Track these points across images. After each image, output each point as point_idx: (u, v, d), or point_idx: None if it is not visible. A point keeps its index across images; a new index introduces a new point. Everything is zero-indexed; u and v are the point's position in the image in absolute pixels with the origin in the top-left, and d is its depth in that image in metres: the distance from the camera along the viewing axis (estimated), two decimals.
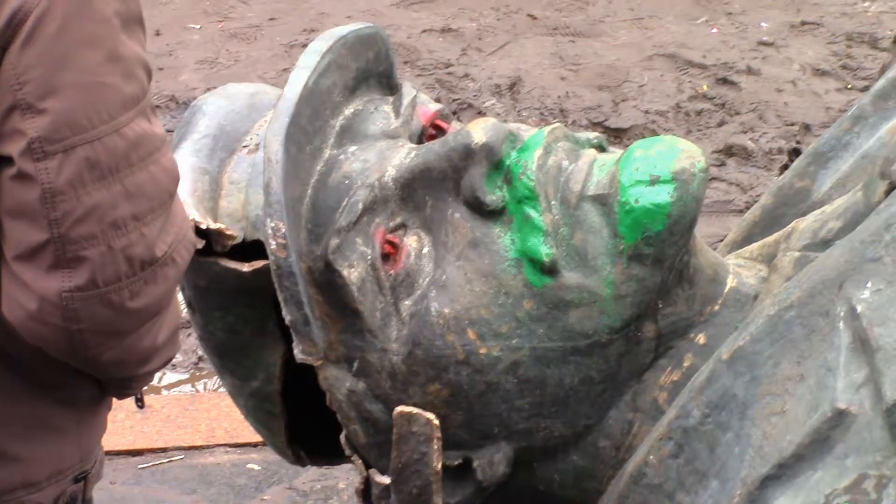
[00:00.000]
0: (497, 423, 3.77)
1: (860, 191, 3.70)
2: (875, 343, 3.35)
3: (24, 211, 2.83)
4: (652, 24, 7.07)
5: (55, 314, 2.85)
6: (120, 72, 2.82)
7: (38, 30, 2.76)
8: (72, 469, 3.22)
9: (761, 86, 6.73)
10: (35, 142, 2.76)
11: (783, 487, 3.57)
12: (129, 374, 3.10)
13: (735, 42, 7.12)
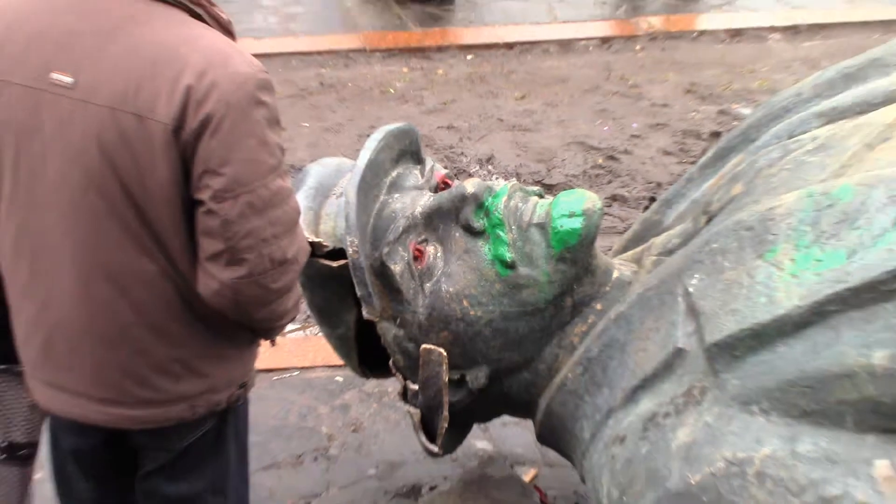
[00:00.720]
0: (480, 355, 4.03)
1: (691, 221, 4.04)
2: (700, 309, 3.57)
3: (210, 232, 2.90)
4: (569, 125, 6.79)
5: (228, 292, 2.91)
6: (266, 152, 2.89)
7: (219, 127, 2.75)
8: (237, 380, 3.22)
9: (633, 161, 6.53)
10: (217, 192, 2.77)
11: (645, 393, 3.73)
12: (270, 326, 3.12)
13: (618, 135, 6.88)
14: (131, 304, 3.01)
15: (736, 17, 8.75)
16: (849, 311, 3.22)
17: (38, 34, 2.90)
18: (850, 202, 3.35)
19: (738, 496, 3.28)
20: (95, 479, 3.34)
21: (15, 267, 3.07)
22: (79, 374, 3.08)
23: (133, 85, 2.84)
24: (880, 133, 3.57)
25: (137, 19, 2.88)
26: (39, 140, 2.90)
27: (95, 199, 2.90)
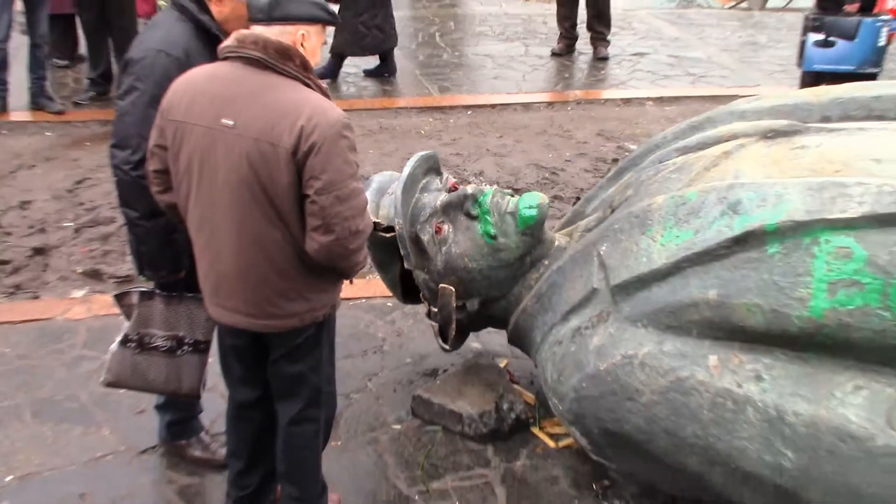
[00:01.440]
0: (474, 291, 4.03)
1: (602, 212, 4.04)
2: (607, 264, 3.54)
3: (313, 214, 2.95)
4: (529, 154, 6.63)
5: (324, 251, 2.97)
6: (347, 166, 2.93)
7: (319, 151, 2.86)
8: (329, 303, 3.20)
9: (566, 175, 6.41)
10: (318, 190, 2.83)
11: (574, 314, 3.68)
12: (348, 272, 3.09)
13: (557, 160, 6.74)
14: (266, 258, 3.04)
15: (626, 92, 8.79)
16: (694, 266, 3.25)
17: (214, 96, 2.96)
18: (695, 202, 3.35)
19: (628, 377, 3.33)
20: (244, 364, 3.33)
21: (198, 236, 3.10)
22: (235, 300, 3.10)
23: (269, 125, 2.88)
24: (712, 161, 3.57)
25: (271, 86, 2.94)
26: (213, 159, 2.95)
27: (246, 194, 2.94)
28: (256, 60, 2.97)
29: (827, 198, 3.11)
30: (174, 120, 3.03)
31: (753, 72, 9.71)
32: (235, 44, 3.01)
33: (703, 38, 10.95)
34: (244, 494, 3.49)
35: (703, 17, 12.17)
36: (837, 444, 3.05)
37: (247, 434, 3.45)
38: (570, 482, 3.80)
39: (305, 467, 3.44)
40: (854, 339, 3.05)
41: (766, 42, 10.94)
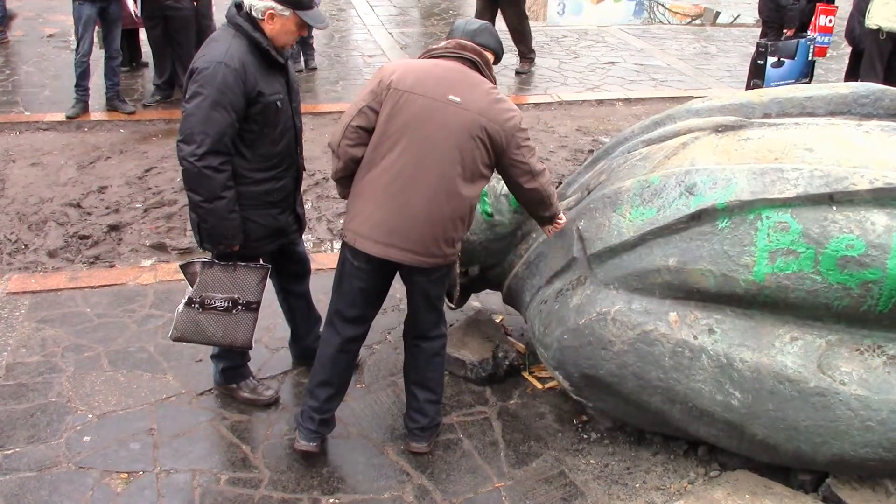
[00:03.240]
0: (476, 260, 4.03)
1: (580, 193, 3.94)
2: (584, 237, 3.53)
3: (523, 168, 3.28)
4: None
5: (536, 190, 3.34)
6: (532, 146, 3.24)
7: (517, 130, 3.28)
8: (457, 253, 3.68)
9: (551, 164, 6.45)
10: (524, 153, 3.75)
11: (557, 278, 3.67)
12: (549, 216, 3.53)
13: (543, 151, 6.75)
14: (452, 208, 3.18)
15: (600, 94, 8.71)
16: (657, 238, 3.25)
17: (440, 78, 3.20)
18: (657, 184, 3.34)
19: (602, 330, 3.31)
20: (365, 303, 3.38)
21: (389, 186, 3.17)
22: (411, 241, 3.18)
23: (488, 107, 3.17)
24: (672, 151, 3.53)
25: (482, 82, 3.24)
26: (430, 125, 3.14)
27: (458, 155, 3.14)
28: (472, 62, 3.28)
29: (768, 181, 3.11)
30: (399, 89, 3.19)
31: (706, 77, 9.59)
32: (455, 47, 3.31)
33: (663, 49, 10.84)
34: (325, 418, 3.50)
35: (664, 31, 12.03)
36: (777, 386, 3.07)
37: (344, 366, 3.48)
38: (555, 417, 3.78)
39: (437, 374, 3.57)
40: (790, 299, 3.06)
41: (717, 52, 10.82)
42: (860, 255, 2.89)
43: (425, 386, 3.56)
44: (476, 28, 3.39)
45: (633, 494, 3.33)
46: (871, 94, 3.61)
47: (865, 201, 2.94)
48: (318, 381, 3.46)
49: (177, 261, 5.11)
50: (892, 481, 3.17)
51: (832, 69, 9.71)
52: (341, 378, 3.49)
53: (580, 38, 11.28)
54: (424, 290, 3.37)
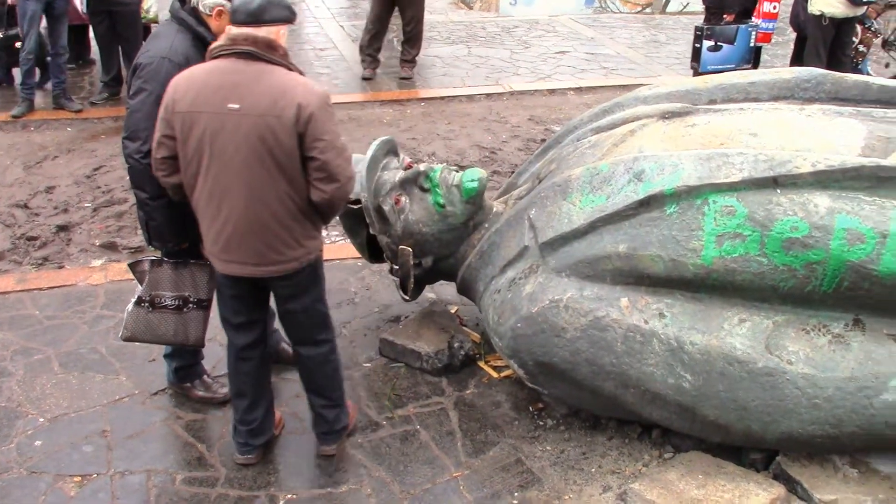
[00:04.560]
0: (428, 251, 3.97)
1: (531, 182, 4.04)
2: (536, 226, 3.53)
3: (319, 168, 2.99)
4: (472, 137, 6.50)
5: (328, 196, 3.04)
6: (337, 128, 2.97)
7: (317, 119, 2.96)
8: (318, 247, 3.19)
9: (503, 154, 6.35)
10: (322, 149, 2.97)
11: (510, 267, 3.66)
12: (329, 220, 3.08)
13: (495, 141, 6.81)
14: (271, 212, 3.04)
15: (551, 83, 8.73)
16: (607, 225, 3.25)
17: (217, 86, 2.96)
18: (606, 172, 3.34)
19: (555, 317, 3.31)
20: (245, 311, 3.29)
21: (208, 205, 3.07)
22: (245, 253, 3.08)
23: (272, 103, 2.93)
24: (620, 138, 3.57)
25: (265, 72, 2.97)
26: (223, 138, 2.95)
27: (256, 161, 2.95)
28: (248, 53, 3.00)
29: (714, 166, 3.12)
30: (181, 112, 3.02)
31: (655, 65, 9.66)
32: (228, 42, 3.06)
33: (613, 38, 10.89)
34: (251, 428, 3.44)
35: (614, 20, 12.09)
36: (727, 367, 3.09)
37: (249, 374, 3.39)
38: (511, 405, 3.79)
39: (330, 380, 3.45)
40: (738, 281, 3.09)
41: (666, 40, 10.90)
42: (804, 237, 2.92)
43: (319, 393, 3.48)
44: (259, 5, 3.04)
45: (590, 479, 3.35)
46: (813, 79, 3.67)
47: (808, 184, 2.97)
48: (233, 394, 3.44)
49: (128, 260, 5.00)
50: (840, 457, 3.21)
51: (778, 55, 9.84)
52: (254, 388, 3.43)
53: (531, 27, 11.30)
54: (292, 296, 3.26)
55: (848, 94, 3.57)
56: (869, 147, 3.18)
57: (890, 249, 2.86)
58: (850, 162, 2.96)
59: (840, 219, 2.91)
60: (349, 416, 3.59)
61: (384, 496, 3.30)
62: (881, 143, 3.19)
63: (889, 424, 3.00)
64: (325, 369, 3.45)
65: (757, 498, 3.06)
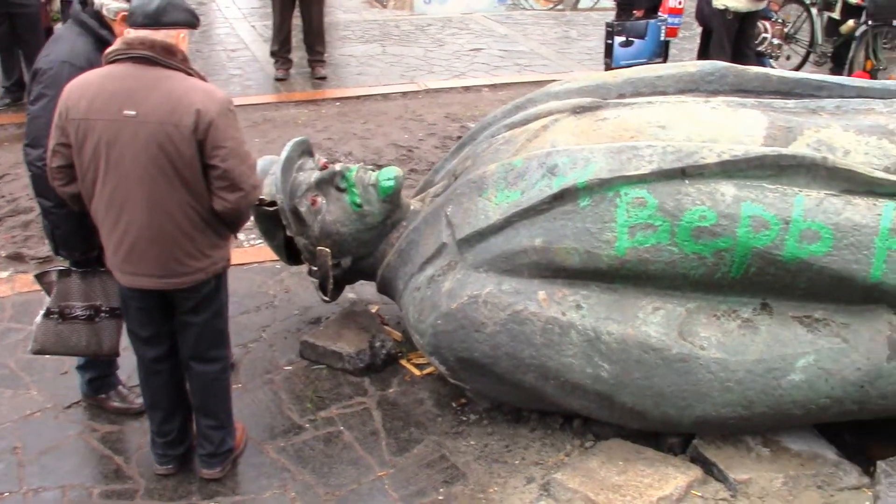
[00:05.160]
0: (346, 251, 3.94)
1: (447, 179, 4.00)
2: (453, 222, 3.54)
3: (221, 177, 2.92)
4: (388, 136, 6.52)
5: (232, 206, 2.97)
6: (239, 134, 2.97)
7: (217, 126, 2.87)
8: (225, 258, 3.11)
9: (420, 152, 6.37)
10: (223, 156, 2.88)
11: (428, 265, 3.65)
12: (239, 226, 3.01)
13: (412, 140, 6.72)
14: (173, 223, 2.95)
15: (466, 81, 8.77)
16: (523, 220, 3.28)
17: (112, 92, 2.87)
18: (521, 167, 3.39)
19: (475, 313, 3.33)
20: (152, 324, 3.19)
21: (107, 215, 2.97)
22: (147, 265, 2.99)
23: (169, 110, 2.84)
24: (533, 133, 3.60)
25: (162, 78, 2.88)
26: (120, 146, 2.86)
27: (154, 170, 2.86)
28: (145, 58, 2.91)
29: (624, 159, 3.18)
30: (75, 119, 2.91)
31: (567, 60, 9.79)
32: (124, 46, 2.95)
33: (526, 35, 11.00)
34: (168, 440, 3.36)
35: (526, 17, 12.22)
36: (643, 355, 3.16)
37: (161, 386, 3.31)
38: (434, 402, 3.79)
39: (219, 399, 3.35)
40: (651, 271, 3.15)
41: (577, 36, 11.06)
42: (712, 226, 3.01)
43: (206, 412, 3.36)
44: (157, 7, 2.94)
45: (513, 471, 3.38)
46: (717, 72, 3.78)
47: (714, 174, 3.06)
48: (147, 406, 3.36)
49: (35, 271, 4.83)
50: (752, 437, 3.32)
51: (686, 49, 10.07)
52: (168, 399, 3.34)
53: (445, 25, 11.33)
54: (193, 308, 3.19)
55: (750, 85, 3.69)
56: (771, 137, 3.30)
57: (793, 235, 2.98)
58: (754, 151, 3.08)
59: (745, 207, 3.01)
60: (236, 438, 3.49)
61: (309, 499, 3.28)
62: (782, 133, 3.31)
63: (796, 403, 3.12)
64: (215, 388, 3.35)
65: (675, 481, 3.14)
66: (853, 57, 8.62)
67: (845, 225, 2.97)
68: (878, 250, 2.97)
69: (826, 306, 3.12)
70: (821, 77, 3.75)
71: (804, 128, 3.31)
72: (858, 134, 3.28)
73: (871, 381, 3.07)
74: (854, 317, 3.10)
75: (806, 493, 3.12)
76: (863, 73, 8.29)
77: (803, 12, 9.55)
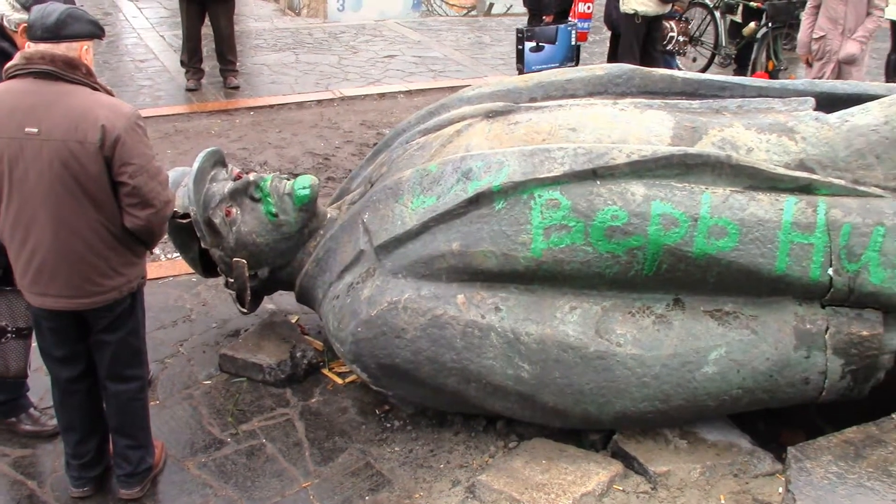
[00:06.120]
0: (264, 262, 3.91)
1: (363, 186, 4.01)
2: (370, 229, 3.53)
3: (131, 194, 2.86)
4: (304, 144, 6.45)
5: (145, 223, 2.92)
6: (148, 149, 2.92)
7: (125, 141, 2.81)
8: (139, 275, 3.05)
9: (337, 160, 6.34)
10: (132, 173, 2.81)
11: (347, 272, 3.66)
12: (154, 241, 2.95)
13: (329, 147, 6.71)
14: (83, 241, 2.88)
15: (381, 88, 8.77)
16: (439, 225, 3.30)
17: (12, 109, 2.79)
18: (436, 172, 3.41)
19: (394, 319, 3.33)
20: (66, 344, 3.11)
21: (13, 235, 2.89)
22: (58, 285, 2.91)
23: (73, 126, 2.77)
24: (447, 139, 3.63)
25: (65, 93, 2.80)
26: (23, 164, 2.79)
27: (60, 189, 2.79)
28: (46, 73, 2.82)
29: (537, 161, 3.23)
30: None
31: (481, 66, 9.89)
32: (23, 62, 2.85)
33: (440, 41, 11.09)
34: (84, 462, 3.27)
35: (440, 23, 12.31)
36: (561, 354, 3.20)
37: (77, 407, 3.21)
38: (358, 410, 3.78)
39: (136, 418, 3.27)
40: (566, 271, 3.19)
41: (490, 41, 11.19)
42: (624, 225, 3.08)
43: (124, 432, 3.28)
44: (57, 19, 2.85)
45: (439, 475, 3.39)
46: (624, 74, 3.87)
47: (625, 174, 3.13)
48: (62, 428, 3.26)
49: None
50: (671, 430, 3.40)
51: (596, 52, 10.29)
52: (84, 421, 3.25)
53: (358, 33, 11.33)
54: (108, 327, 3.10)
55: (656, 87, 3.78)
56: (677, 136, 3.38)
57: (701, 231, 3.07)
58: (661, 151, 3.16)
59: (655, 205, 3.08)
60: (155, 456, 3.42)
61: None
62: (688, 133, 3.40)
63: (710, 395, 3.21)
64: (133, 407, 3.26)
65: (597, 476, 3.19)
66: (755, 58, 8.97)
67: (750, 220, 3.07)
68: (782, 243, 3.07)
69: (735, 299, 3.22)
70: (723, 78, 3.87)
71: (709, 127, 3.41)
72: (760, 132, 3.38)
73: (780, 370, 3.17)
74: (762, 309, 3.20)
75: (723, 482, 3.20)
76: (762, 74, 8.61)
77: (707, 16, 9.89)
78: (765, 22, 8.81)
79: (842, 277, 3.09)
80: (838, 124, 3.36)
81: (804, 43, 7.14)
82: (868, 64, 7.31)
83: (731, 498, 3.12)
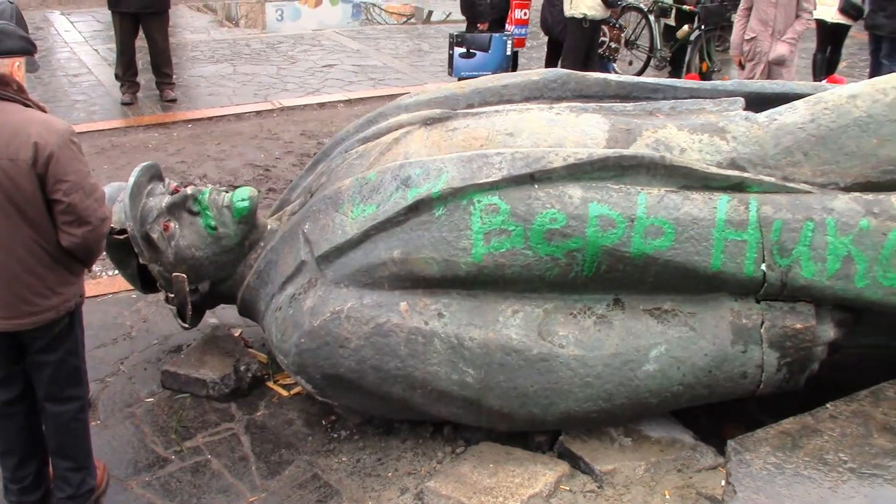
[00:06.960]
0: (204, 275, 3.87)
1: (303, 197, 3.96)
2: (311, 240, 3.51)
3: (66, 212, 2.82)
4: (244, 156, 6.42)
5: (81, 241, 2.87)
6: (83, 165, 2.89)
7: (58, 158, 2.78)
8: (78, 293, 3.00)
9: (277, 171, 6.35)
10: (66, 190, 2.78)
11: (289, 284, 3.61)
12: (92, 259, 2.90)
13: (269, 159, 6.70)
14: (17, 261, 2.83)
15: (321, 97, 8.77)
16: (380, 233, 3.29)
17: None
18: (375, 181, 3.41)
19: (338, 328, 3.31)
20: (2, 364, 3.01)
21: None
22: None
23: (4, 144, 2.73)
24: (386, 147, 3.64)
25: None
26: None
27: None
28: None
29: (475, 167, 3.25)
30: None
31: (421, 73, 9.93)
32: None
33: (379, 49, 11.11)
34: (23, 486, 3.19)
35: (378, 31, 12.32)
36: (505, 358, 3.22)
37: (15, 431, 3.13)
38: (304, 422, 3.76)
39: (77, 439, 3.20)
40: (508, 275, 3.22)
41: (429, 49, 11.24)
42: (562, 227, 3.11)
43: (64, 454, 3.21)
44: None
45: (387, 483, 3.39)
46: (559, 79, 3.92)
47: (562, 177, 3.18)
48: (0, 451, 3.17)
49: None
50: (615, 428, 3.44)
51: (534, 58, 10.37)
52: (23, 444, 3.19)
53: (296, 42, 11.28)
54: (47, 347, 3.05)
55: (590, 91, 3.84)
56: (612, 139, 3.44)
57: (638, 232, 3.12)
58: (597, 154, 3.21)
59: (592, 207, 3.13)
60: (97, 477, 3.35)
61: None
62: (622, 135, 3.46)
63: (652, 392, 3.26)
64: (73, 428, 3.20)
65: (544, 478, 3.22)
66: (689, 60, 9.15)
67: (685, 219, 3.13)
68: (717, 241, 3.14)
69: (674, 297, 3.27)
70: (656, 80, 3.94)
71: (643, 129, 3.47)
72: (692, 132, 3.45)
73: (718, 365, 3.24)
74: (699, 306, 3.26)
75: (667, 477, 3.25)
76: (695, 76, 8.77)
77: (642, 19, 10.07)
78: (697, 25, 9.01)
79: (774, 272, 3.16)
80: (767, 123, 3.45)
81: (737, 44, 7.31)
82: (797, 64, 7.52)
83: (676, 493, 3.16)
